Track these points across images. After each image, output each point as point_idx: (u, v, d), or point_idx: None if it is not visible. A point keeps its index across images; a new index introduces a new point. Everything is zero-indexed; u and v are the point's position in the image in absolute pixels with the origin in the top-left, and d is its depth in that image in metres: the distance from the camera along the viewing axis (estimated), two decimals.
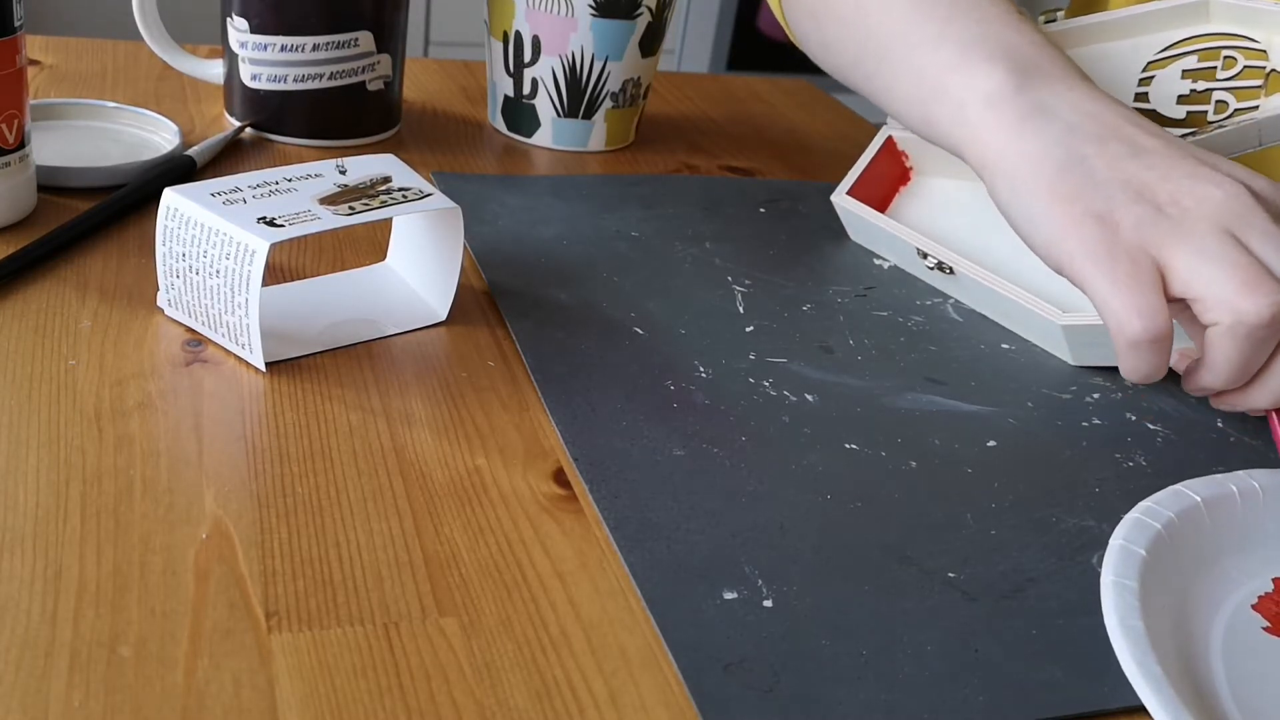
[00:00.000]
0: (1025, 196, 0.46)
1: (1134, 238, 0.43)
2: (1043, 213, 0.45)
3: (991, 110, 0.48)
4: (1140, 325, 0.42)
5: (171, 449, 0.42)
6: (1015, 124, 0.47)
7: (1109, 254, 0.43)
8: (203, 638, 0.35)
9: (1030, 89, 0.48)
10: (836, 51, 0.58)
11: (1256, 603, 0.42)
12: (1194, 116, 0.60)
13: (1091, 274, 0.44)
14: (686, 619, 0.38)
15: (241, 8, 0.66)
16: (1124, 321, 0.43)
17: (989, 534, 0.44)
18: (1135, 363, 0.44)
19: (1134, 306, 0.42)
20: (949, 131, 0.50)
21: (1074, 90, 0.48)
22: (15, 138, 0.54)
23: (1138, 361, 0.44)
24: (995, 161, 0.48)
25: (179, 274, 0.48)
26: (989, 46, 0.50)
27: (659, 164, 0.75)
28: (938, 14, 0.52)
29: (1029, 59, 0.49)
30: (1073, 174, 0.45)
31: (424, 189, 0.51)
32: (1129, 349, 0.43)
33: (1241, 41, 0.59)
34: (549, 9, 0.70)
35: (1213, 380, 0.44)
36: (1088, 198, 0.45)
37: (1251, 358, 0.43)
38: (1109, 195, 0.44)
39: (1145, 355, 0.43)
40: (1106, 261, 0.43)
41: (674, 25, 2.63)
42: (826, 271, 0.62)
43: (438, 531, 0.40)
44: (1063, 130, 0.46)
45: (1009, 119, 0.47)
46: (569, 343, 0.52)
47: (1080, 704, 0.37)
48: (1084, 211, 0.44)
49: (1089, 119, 0.47)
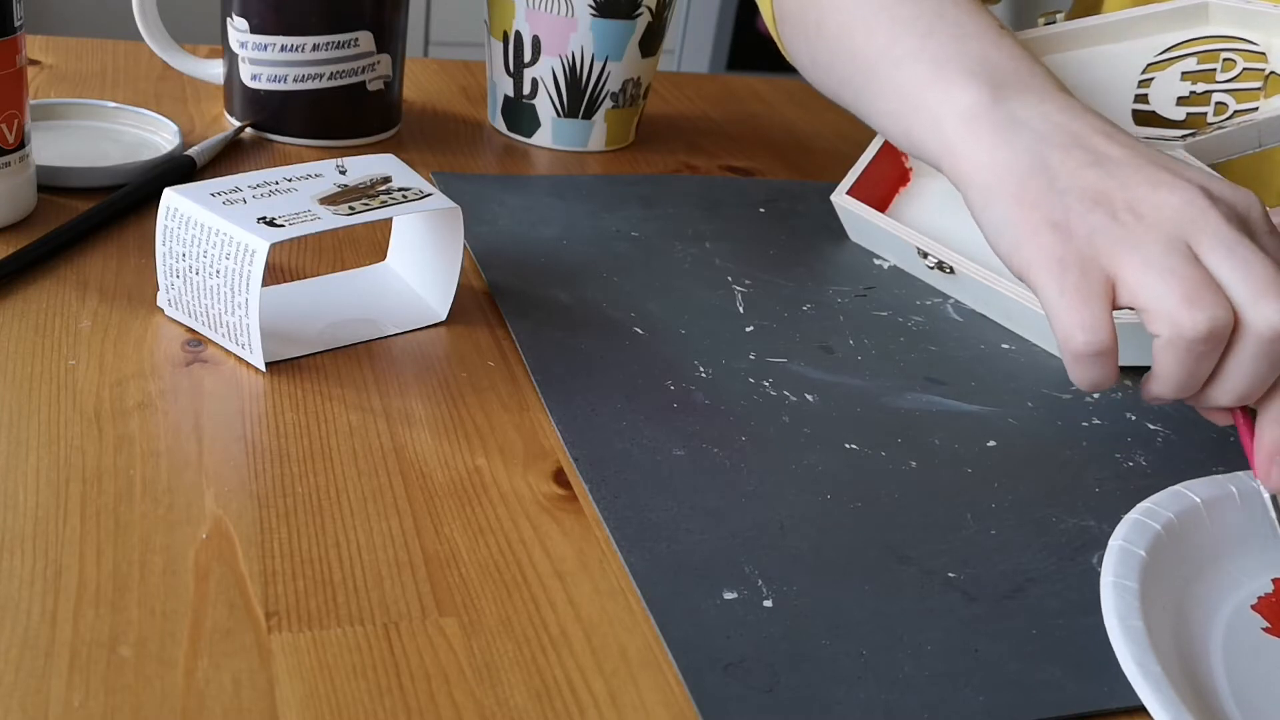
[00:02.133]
0: (993, 204, 0.47)
1: (1086, 247, 0.44)
2: (1005, 219, 0.46)
3: (966, 125, 0.48)
4: (1082, 339, 0.43)
5: (171, 449, 0.42)
6: (989, 136, 0.48)
7: (1060, 263, 0.44)
8: (203, 638, 0.35)
9: (1004, 102, 0.48)
10: (825, 70, 0.59)
11: (1256, 603, 0.42)
12: (1194, 118, 0.60)
13: (1045, 282, 0.44)
14: (686, 619, 0.38)
15: (241, 8, 0.66)
16: (1068, 334, 0.43)
17: (989, 534, 0.44)
18: (1081, 373, 0.44)
19: (1078, 320, 0.43)
20: (928, 146, 0.51)
21: (1046, 102, 0.49)
22: (15, 138, 0.54)
23: (1084, 372, 0.44)
24: (970, 174, 0.48)
25: (179, 274, 0.48)
26: (966, 62, 0.50)
27: (659, 164, 0.75)
28: (917, 30, 0.52)
29: (1006, 73, 0.50)
30: (1035, 181, 0.46)
31: (424, 189, 0.51)
32: (1074, 361, 0.44)
33: (1241, 44, 0.59)
34: (549, 9, 0.70)
35: (1161, 389, 0.44)
36: (1046, 205, 0.45)
37: (1195, 369, 0.43)
38: (1067, 204, 0.45)
39: (1090, 367, 0.44)
40: (1057, 270, 0.44)
41: (674, 25, 2.64)
42: (826, 271, 0.62)
43: (438, 531, 0.40)
44: (1032, 139, 0.47)
45: (984, 132, 0.48)
46: (569, 343, 0.52)
47: (1080, 704, 0.37)
48: (1042, 219, 0.45)
49: (1057, 129, 0.47)
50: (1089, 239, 0.44)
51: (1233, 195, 0.45)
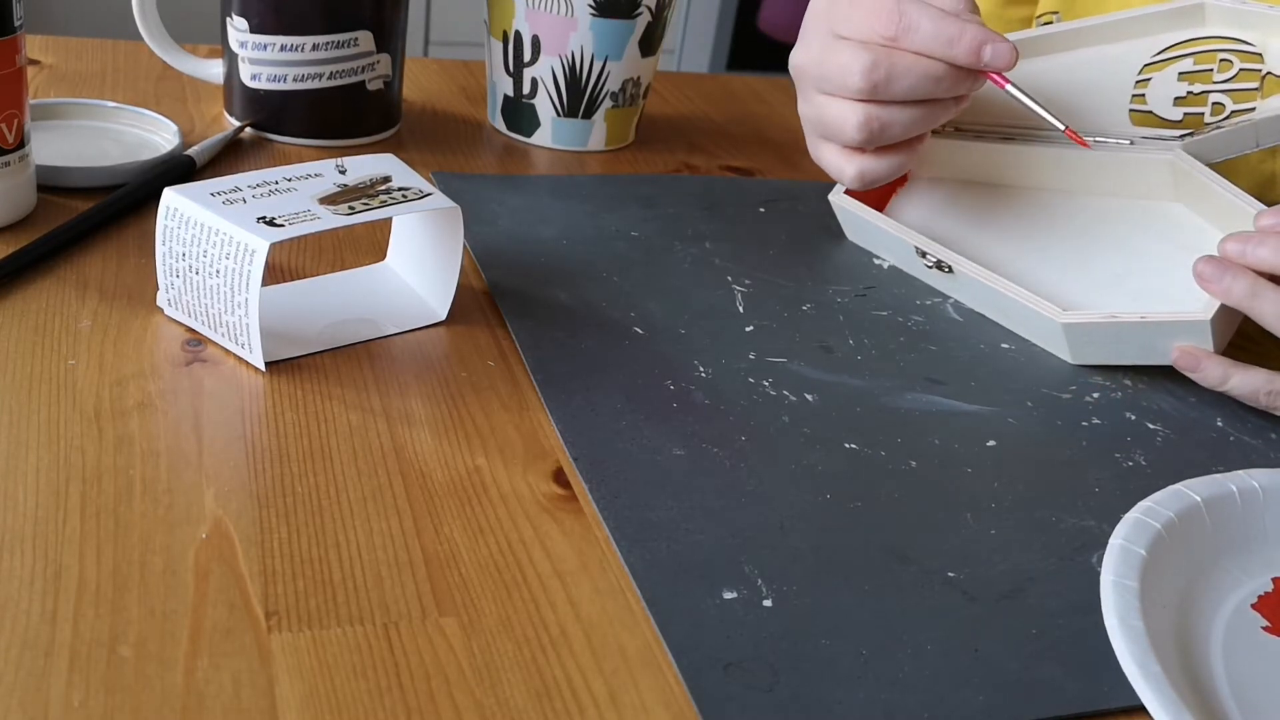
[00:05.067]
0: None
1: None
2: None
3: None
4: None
5: (171, 449, 0.42)
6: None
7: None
8: (203, 638, 0.35)
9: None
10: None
11: (1257, 602, 0.42)
12: (1191, 118, 0.60)
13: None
14: (686, 619, 0.38)
15: (241, 7, 0.66)
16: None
17: (989, 534, 0.44)
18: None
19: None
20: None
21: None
22: (15, 137, 0.54)
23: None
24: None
25: (179, 274, 0.48)
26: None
27: (659, 164, 0.75)
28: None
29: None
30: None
31: (424, 189, 0.51)
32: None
33: (1237, 45, 0.60)
34: (549, 9, 0.70)
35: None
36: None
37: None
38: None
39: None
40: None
41: (674, 25, 2.63)
42: (826, 271, 0.63)
43: (437, 531, 0.40)
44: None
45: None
46: (569, 343, 0.52)
47: (1080, 704, 0.37)
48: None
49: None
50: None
51: None
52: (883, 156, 0.58)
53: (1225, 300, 0.51)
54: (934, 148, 0.66)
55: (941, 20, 0.53)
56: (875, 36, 0.54)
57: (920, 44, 0.54)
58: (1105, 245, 0.61)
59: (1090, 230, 0.62)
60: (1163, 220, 0.60)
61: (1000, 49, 0.53)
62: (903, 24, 0.54)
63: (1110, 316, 0.54)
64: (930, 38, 0.53)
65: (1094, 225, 0.62)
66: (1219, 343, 0.53)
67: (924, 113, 0.56)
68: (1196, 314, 0.52)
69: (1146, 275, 0.59)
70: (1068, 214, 0.63)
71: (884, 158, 0.58)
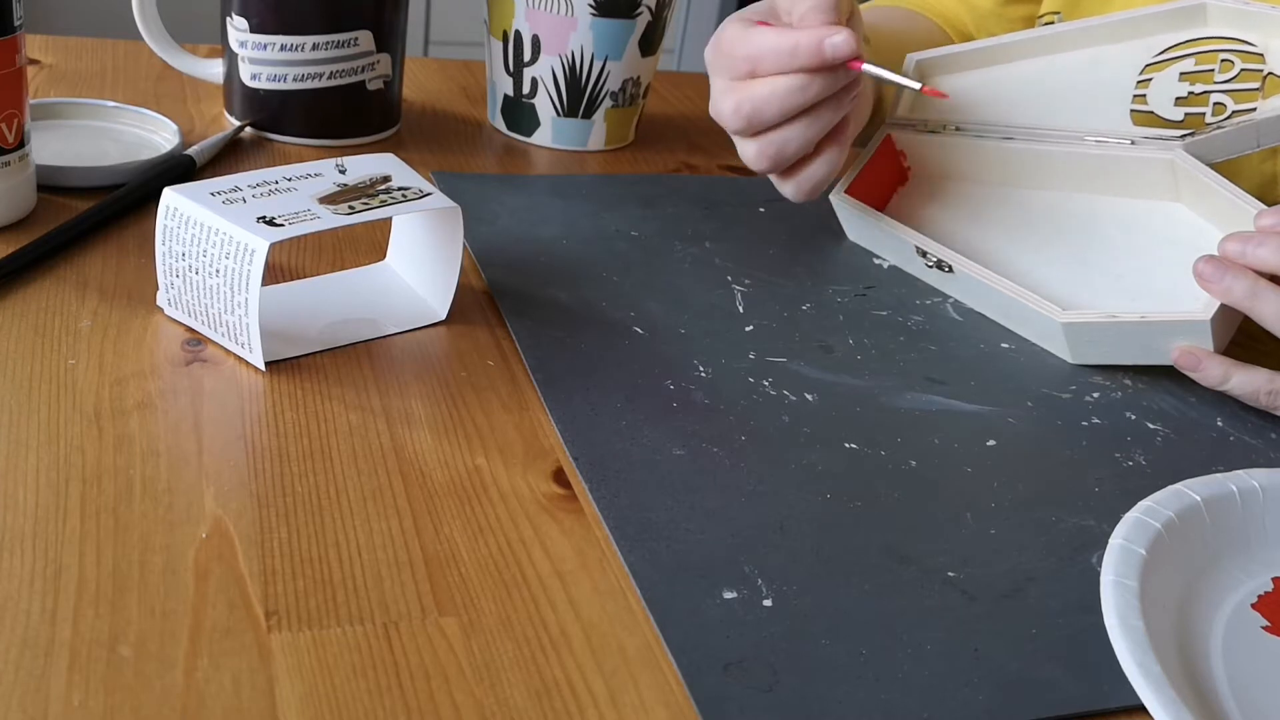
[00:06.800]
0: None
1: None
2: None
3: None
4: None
5: (171, 448, 0.42)
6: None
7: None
8: (202, 637, 0.35)
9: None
10: None
11: (1257, 601, 0.42)
12: (1192, 118, 0.60)
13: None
14: (686, 619, 0.38)
15: (241, 7, 0.66)
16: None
17: (989, 534, 0.44)
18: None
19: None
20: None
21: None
22: (15, 137, 0.54)
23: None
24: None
25: (179, 273, 0.48)
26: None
27: (659, 164, 0.75)
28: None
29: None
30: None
31: (424, 188, 0.51)
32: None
33: (1238, 45, 0.59)
34: (549, 8, 0.70)
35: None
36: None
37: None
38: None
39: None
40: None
41: (674, 25, 2.63)
42: (826, 271, 0.63)
43: (437, 531, 0.40)
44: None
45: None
46: (569, 343, 0.52)
47: (1080, 704, 0.37)
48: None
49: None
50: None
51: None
52: (810, 163, 0.59)
53: (1225, 300, 0.52)
54: (934, 148, 0.66)
55: (779, 37, 0.54)
56: (735, 74, 0.56)
57: (771, 66, 0.55)
58: (1105, 245, 0.61)
59: (1090, 230, 0.62)
60: (1163, 220, 0.60)
61: (836, 41, 0.53)
62: (748, 54, 0.55)
63: (1110, 316, 0.54)
64: (775, 56, 0.54)
65: (1094, 225, 0.62)
66: (1219, 342, 0.53)
67: (814, 118, 0.56)
68: (1196, 314, 0.52)
69: (1146, 275, 0.59)
70: (1068, 214, 0.63)
71: (812, 164, 0.59)
